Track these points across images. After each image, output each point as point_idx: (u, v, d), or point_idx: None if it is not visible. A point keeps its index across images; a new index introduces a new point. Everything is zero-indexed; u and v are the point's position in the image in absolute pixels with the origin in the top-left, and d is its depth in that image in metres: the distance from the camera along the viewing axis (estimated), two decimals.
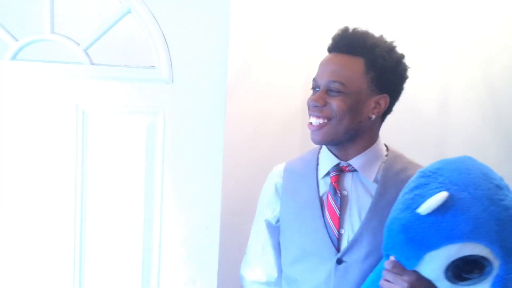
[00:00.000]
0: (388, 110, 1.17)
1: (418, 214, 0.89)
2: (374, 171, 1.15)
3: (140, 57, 1.32)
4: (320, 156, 1.21)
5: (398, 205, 0.97)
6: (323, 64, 1.15)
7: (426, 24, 2.08)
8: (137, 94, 1.20)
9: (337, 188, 1.14)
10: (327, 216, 1.13)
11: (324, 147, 1.20)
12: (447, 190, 0.88)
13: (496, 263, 0.89)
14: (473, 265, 0.90)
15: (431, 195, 0.89)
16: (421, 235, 0.89)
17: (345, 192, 1.14)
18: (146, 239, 1.24)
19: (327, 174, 1.17)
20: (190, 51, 1.19)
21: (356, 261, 1.10)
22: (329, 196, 1.14)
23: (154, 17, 1.17)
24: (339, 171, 1.16)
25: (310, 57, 1.91)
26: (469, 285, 0.91)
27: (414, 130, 1.96)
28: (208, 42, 1.19)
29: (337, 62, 1.12)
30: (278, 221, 1.25)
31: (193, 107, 1.21)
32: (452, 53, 2.05)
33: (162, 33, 1.17)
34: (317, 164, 1.20)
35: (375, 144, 1.17)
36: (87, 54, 1.19)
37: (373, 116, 1.13)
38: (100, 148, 1.21)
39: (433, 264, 0.90)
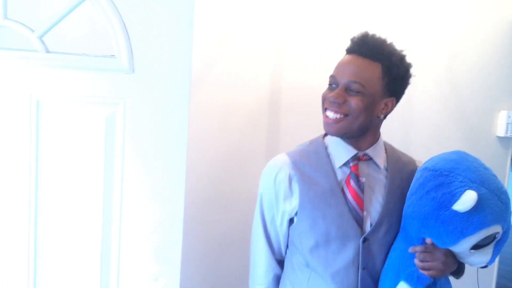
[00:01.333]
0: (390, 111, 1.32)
1: (455, 211, 1.12)
2: (382, 160, 1.32)
3: (102, 46, 1.27)
4: (330, 147, 1.31)
5: (425, 201, 1.17)
6: (344, 64, 1.24)
7: (391, 21, 2.09)
8: (96, 84, 1.14)
9: (359, 175, 1.27)
10: (351, 201, 1.25)
11: (330, 139, 1.31)
12: (469, 188, 1.12)
13: (500, 232, 1.18)
14: (489, 237, 1.17)
15: (460, 193, 1.12)
16: (460, 227, 1.13)
17: (363, 179, 1.27)
18: (105, 236, 1.20)
19: (346, 163, 1.28)
20: (152, 40, 1.15)
21: (377, 238, 1.26)
22: (351, 183, 1.26)
23: (114, 4, 1.12)
24: (358, 160, 1.28)
25: (278, 48, 1.89)
26: (481, 250, 1.19)
27: None
28: (171, 31, 1.15)
29: (359, 65, 1.22)
30: (295, 213, 1.29)
31: (156, 98, 1.17)
32: (417, 50, 2.07)
33: (122, 20, 1.13)
34: (328, 155, 1.29)
35: (380, 138, 1.33)
36: (42, 42, 1.13)
37: (382, 116, 1.27)
38: (56, 140, 1.15)
39: (465, 244, 1.17)
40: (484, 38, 2.52)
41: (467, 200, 1.10)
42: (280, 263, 1.39)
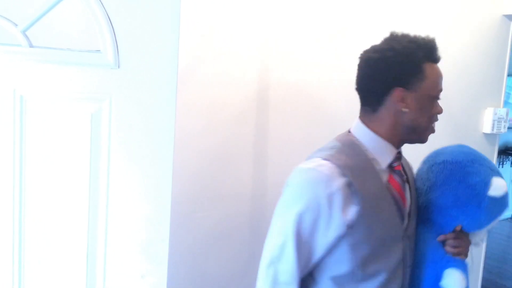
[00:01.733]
0: None
1: (491, 196, 1.24)
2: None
3: (90, 41, 1.25)
4: (368, 146, 1.22)
5: (461, 190, 1.26)
6: (441, 77, 1.26)
7: (375, 19, 2.09)
8: (81, 80, 1.13)
9: (404, 174, 1.28)
10: (397, 199, 1.23)
11: (365, 138, 1.23)
12: (493, 176, 1.25)
13: None
14: None
15: (489, 181, 1.24)
16: (496, 211, 1.26)
17: (405, 176, 1.29)
18: (91, 234, 1.18)
19: (390, 164, 1.24)
20: (138, 35, 1.14)
21: (412, 233, 1.29)
22: (396, 179, 1.24)
23: None
24: (398, 160, 1.27)
25: (265, 46, 1.88)
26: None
27: None
28: (158, 27, 1.14)
29: None
30: (351, 224, 1.15)
31: (142, 94, 1.16)
32: None
33: (107, 15, 1.11)
34: (367, 155, 1.22)
35: None
36: (26, 36, 1.11)
37: None
38: (40, 137, 1.13)
39: (490, 226, 1.29)
40: (469, 37, 2.54)
41: (501, 186, 1.24)
42: None
